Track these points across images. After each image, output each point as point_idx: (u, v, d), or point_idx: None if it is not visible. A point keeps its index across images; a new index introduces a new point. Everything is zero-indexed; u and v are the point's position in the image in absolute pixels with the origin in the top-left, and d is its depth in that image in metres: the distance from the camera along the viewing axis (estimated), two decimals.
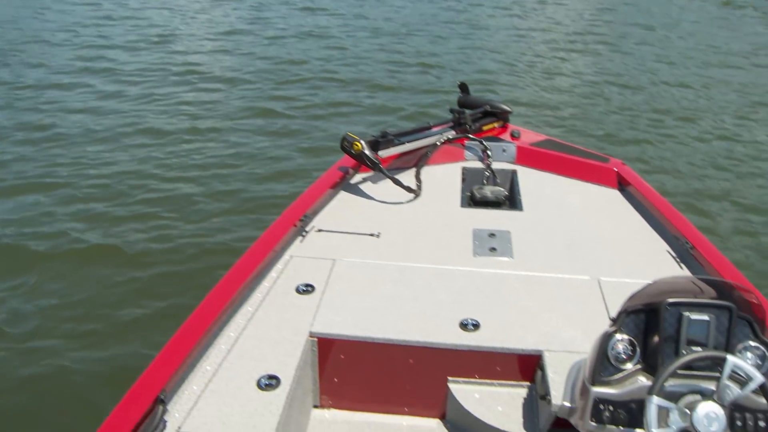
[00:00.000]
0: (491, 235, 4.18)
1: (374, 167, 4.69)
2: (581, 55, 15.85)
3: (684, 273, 3.85)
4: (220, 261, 6.26)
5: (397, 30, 17.28)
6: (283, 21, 18.12)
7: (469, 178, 5.18)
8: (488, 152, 5.31)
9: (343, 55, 14.81)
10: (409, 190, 4.71)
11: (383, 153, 4.87)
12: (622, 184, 5.01)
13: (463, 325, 3.26)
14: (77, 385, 4.82)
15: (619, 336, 2.56)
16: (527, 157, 5.39)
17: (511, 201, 4.98)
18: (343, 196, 4.69)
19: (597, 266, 3.87)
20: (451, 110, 5.62)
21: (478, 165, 5.33)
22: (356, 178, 4.99)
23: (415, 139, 5.18)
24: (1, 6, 18.66)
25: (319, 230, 4.15)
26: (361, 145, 4.63)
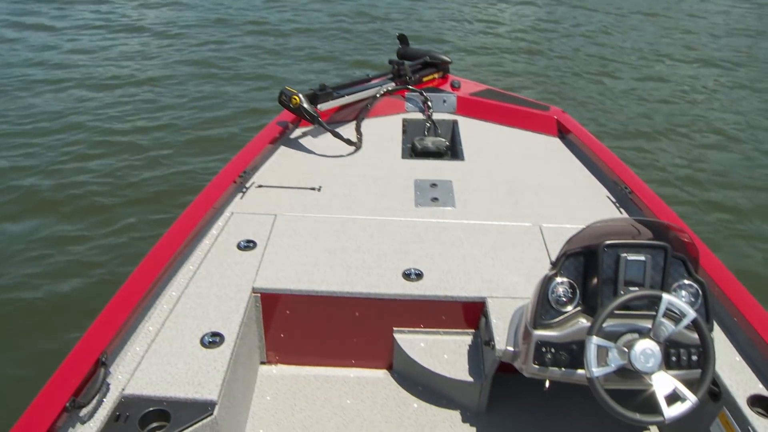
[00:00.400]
0: (433, 186, 4.19)
1: (313, 121, 4.63)
2: (521, 6, 15.90)
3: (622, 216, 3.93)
4: (159, 220, 6.16)
5: None
6: None
7: (410, 130, 5.16)
8: (429, 103, 5.30)
9: (282, 6, 14.55)
10: (349, 142, 4.68)
11: (322, 106, 4.81)
12: (562, 132, 5.06)
13: (407, 275, 3.27)
14: (16, 351, 4.71)
15: (559, 279, 2.60)
16: (468, 107, 5.39)
17: (453, 151, 4.98)
18: (283, 151, 4.63)
19: (538, 213, 3.92)
20: (391, 62, 5.57)
21: (419, 116, 5.31)
22: (296, 133, 4.93)
23: (355, 92, 5.13)
24: None
25: (260, 186, 4.09)
26: (300, 99, 4.56)
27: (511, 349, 2.79)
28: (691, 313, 2.32)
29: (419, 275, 3.28)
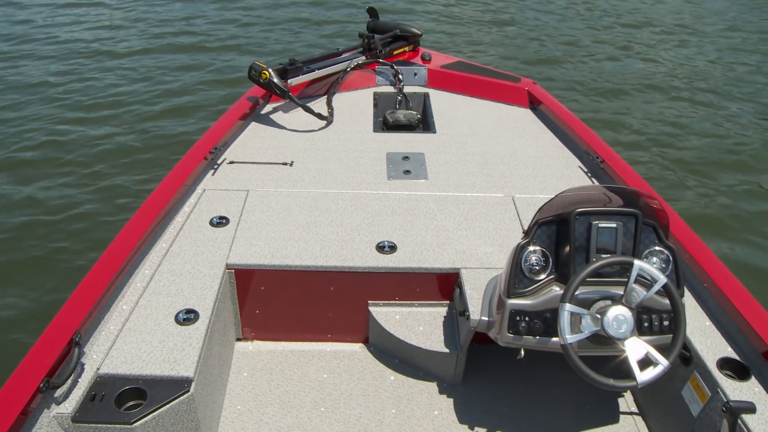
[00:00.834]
0: (405, 158, 4.18)
1: (284, 96, 4.59)
2: None
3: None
4: (130, 199, 6.09)
5: None
6: None
7: (381, 103, 5.14)
8: (399, 76, 5.27)
9: None
10: (320, 117, 4.65)
11: (293, 81, 4.77)
12: (534, 103, 5.07)
13: (380, 248, 3.27)
14: None
15: (531, 248, 2.61)
16: (439, 80, 5.37)
17: (424, 124, 4.98)
18: (254, 126, 4.59)
19: (511, 184, 3.93)
20: (361, 35, 5.52)
21: (390, 89, 5.29)
22: (266, 108, 4.89)
23: (325, 66, 5.09)
24: None
25: (231, 162, 4.06)
26: (269, 74, 4.52)
27: (486, 318, 2.81)
28: (662, 279, 2.35)
29: (393, 248, 3.29)
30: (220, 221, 3.46)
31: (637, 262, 2.36)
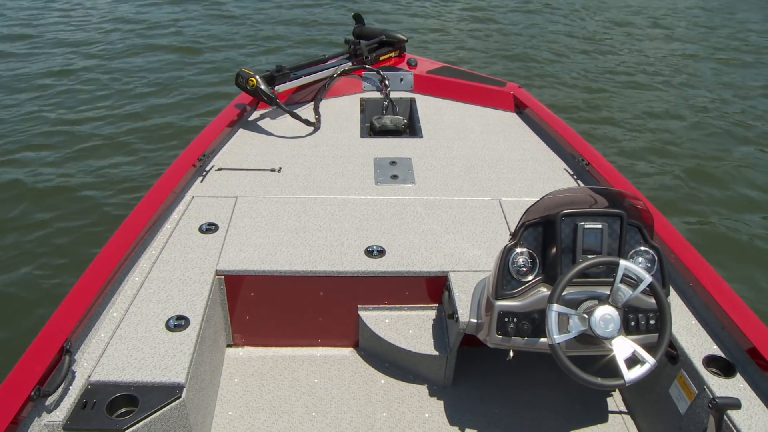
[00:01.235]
0: (392, 163, 4.20)
1: (271, 102, 4.61)
2: None
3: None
4: (120, 205, 6.08)
5: None
6: None
7: (368, 109, 5.17)
8: (386, 82, 5.30)
9: None
10: (308, 123, 4.66)
11: (280, 87, 4.79)
12: (519, 107, 5.11)
13: (369, 252, 3.29)
14: None
15: (518, 249, 2.64)
16: (425, 85, 5.40)
17: (411, 129, 5.00)
18: (242, 133, 4.60)
19: (497, 187, 3.96)
20: (347, 41, 5.55)
21: (377, 95, 5.31)
22: (254, 115, 4.90)
23: (312, 72, 5.12)
24: None
25: (219, 169, 4.07)
26: (256, 81, 4.54)
27: (475, 321, 2.83)
28: (648, 278, 2.38)
29: (381, 252, 3.31)
30: (210, 228, 3.47)
31: (623, 262, 2.39)
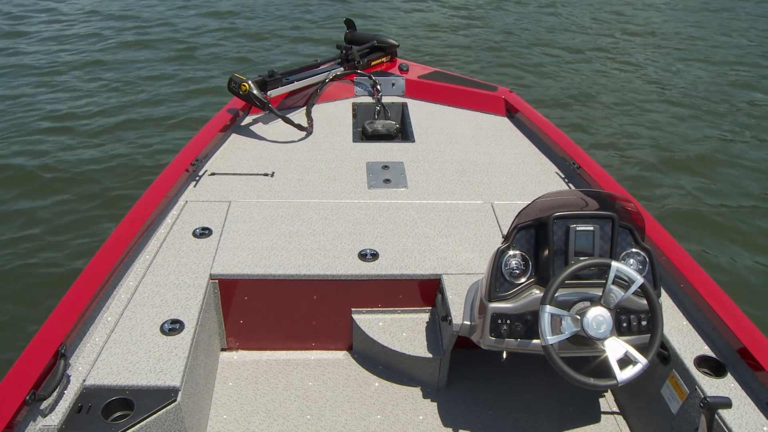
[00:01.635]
0: (385, 167, 4.22)
1: (264, 107, 4.63)
2: None
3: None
4: (113, 210, 6.07)
5: None
6: None
7: (360, 114, 5.19)
8: (378, 87, 5.32)
9: None
10: (300, 128, 4.68)
11: (272, 92, 4.80)
12: (511, 111, 5.14)
13: (362, 256, 3.31)
14: None
15: (511, 252, 2.66)
16: (417, 90, 5.43)
17: (403, 133, 5.03)
18: (235, 138, 4.61)
19: (489, 191, 3.98)
20: (339, 47, 5.57)
21: (369, 100, 5.33)
22: (247, 120, 4.91)
23: (304, 77, 5.13)
24: None
25: (212, 174, 4.08)
26: (249, 86, 4.56)
27: (468, 323, 2.85)
28: (639, 279, 2.40)
29: (375, 255, 3.32)
30: (203, 232, 3.48)
31: (615, 264, 2.41)
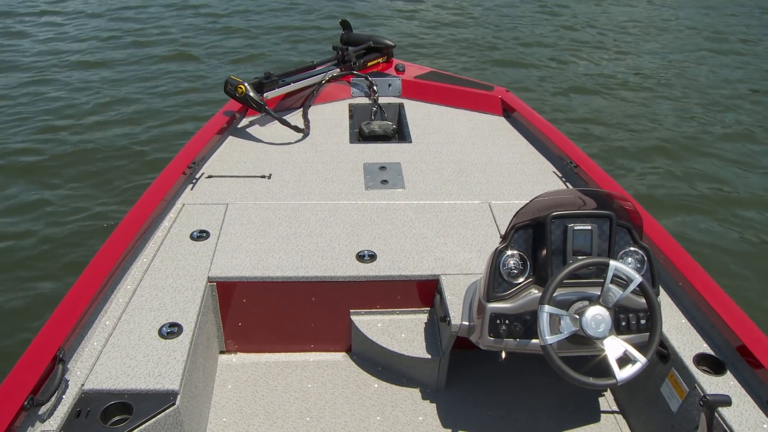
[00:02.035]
0: (382, 168, 4.22)
1: (260, 109, 4.62)
2: None
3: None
4: (110, 214, 6.06)
5: None
6: None
7: (357, 115, 5.19)
8: (374, 87, 5.32)
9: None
10: (297, 129, 4.68)
11: (268, 94, 4.80)
12: (507, 111, 5.14)
13: (360, 257, 3.30)
14: None
15: (509, 252, 2.66)
16: (413, 90, 5.43)
17: (400, 134, 5.03)
18: (232, 140, 4.61)
19: (487, 190, 3.98)
20: (335, 48, 5.57)
21: (365, 101, 5.33)
22: (243, 122, 4.91)
23: (300, 79, 5.13)
24: None
25: (210, 176, 4.07)
26: (245, 88, 4.55)
27: (467, 323, 2.85)
28: (638, 278, 2.40)
29: (373, 257, 3.32)
30: (201, 235, 3.47)
31: (613, 263, 2.41)
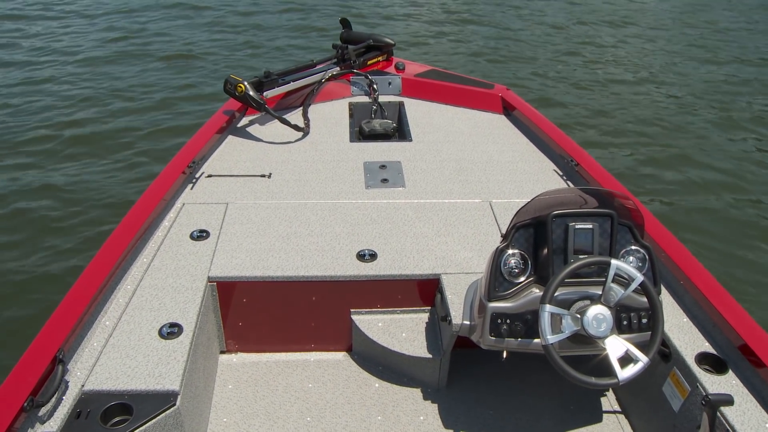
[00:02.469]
0: (382, 167, 4.21)
1: (260, 108, 4.61)
2: None
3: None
4: (110, 214, 6.06)
5: None
6: None
7: (357, 113, 5.18)
8: (374, 86, 5.31)
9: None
10: (297, 128, 4.67)
11: (268, 93, 4.79)
12: (508, 109, 5.13)
13: (361, 257, 3.29)
14: None
15: (510, 251, 2.65)
16: (413, 89, 5.42)
17: (400, 132, 5.02)
18: (231, 139, 4.60)
19: (487, 189, 3.97)
20: (334, 46, 5.56)
21: (365, 99, 5.32)
22: (243, 121, 4.90)
23: (300, 78, 5.12)
24: None
25: (209, 176, 4.06)
26: (245, 87, 4.54)
27: (468, 323, 2.84)
28: (639, 277, 2.39)
29: (373, 256, 3.31)
30: (201, 234, 3.46)
31: (614, 262, 2.40)
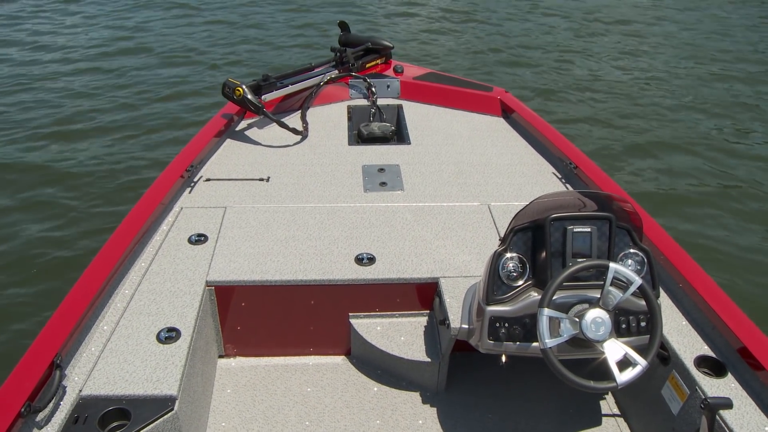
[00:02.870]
0: (381, 170, 4.21)
1: (258, 112, 4.61)
2: None
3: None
4: (108, 218, 6.05)
5: None
6: None
7: (356, 116, 5.18)
8: (373, 89, 5.31)
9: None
10: (295, 132, 4.66)
11: (267, 97, 4.79)
12: (506, 112, 5.13)
13: (359, 260, 3.29)
14: None
15: (508, 254, 2.64)
16: (412, 92, 5.42)
17: (399, 135, 5.01)
18: (230, 143, 4.60)
19: (486, 192, 3.97)
20: (333, 49, 5.56)
21: (364, 102, 5.32)
22: (241, 125, 4.90)
23: (298, 81, 5.11)
24: None
25: (208, 179, 4.06)
26: (243, 90, 4.54)
27: (466, 326, 2.83)
28: (638, 280, 2.39)
29: (372, 259, 3.31)
30: (199, 239, 3.46)
31: (613, 265, 2.40)
